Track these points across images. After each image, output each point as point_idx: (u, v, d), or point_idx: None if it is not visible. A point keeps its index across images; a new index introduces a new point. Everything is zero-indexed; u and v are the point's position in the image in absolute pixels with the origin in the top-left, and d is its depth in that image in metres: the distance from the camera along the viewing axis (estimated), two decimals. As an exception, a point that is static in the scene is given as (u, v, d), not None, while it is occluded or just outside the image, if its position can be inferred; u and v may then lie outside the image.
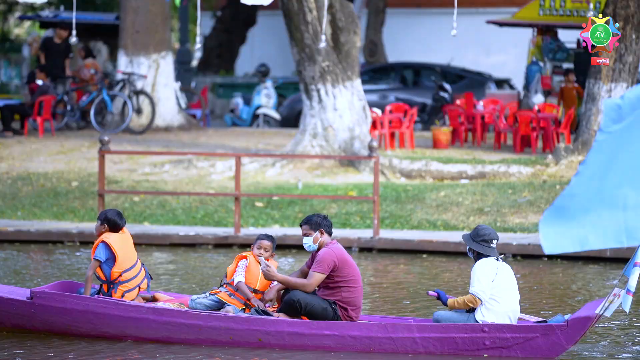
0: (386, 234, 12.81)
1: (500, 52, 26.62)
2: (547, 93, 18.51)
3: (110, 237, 7.76)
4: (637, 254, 6.99)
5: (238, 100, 21.17)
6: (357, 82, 15.58)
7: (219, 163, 15.31)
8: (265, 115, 20.51)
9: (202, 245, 12.82)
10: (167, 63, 18.36)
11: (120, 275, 7.73)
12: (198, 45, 13.26)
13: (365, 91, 16.53)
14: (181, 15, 23.71)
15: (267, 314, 7.51)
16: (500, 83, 21.68)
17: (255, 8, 27.98)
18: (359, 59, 15.91)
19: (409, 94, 20.92)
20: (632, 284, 7.02)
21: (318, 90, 15.33)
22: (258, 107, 20.57)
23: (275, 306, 7.67)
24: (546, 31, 18.95)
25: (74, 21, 12.18)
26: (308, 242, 7.49)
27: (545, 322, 7.37)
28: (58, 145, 16.46)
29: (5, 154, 15.80)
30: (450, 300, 7.43)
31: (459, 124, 17.38)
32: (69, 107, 17.94)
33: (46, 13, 22.82)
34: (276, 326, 7.36)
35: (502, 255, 7.52)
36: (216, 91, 24.65)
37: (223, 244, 12.83)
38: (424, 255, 12.32)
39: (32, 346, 7.43)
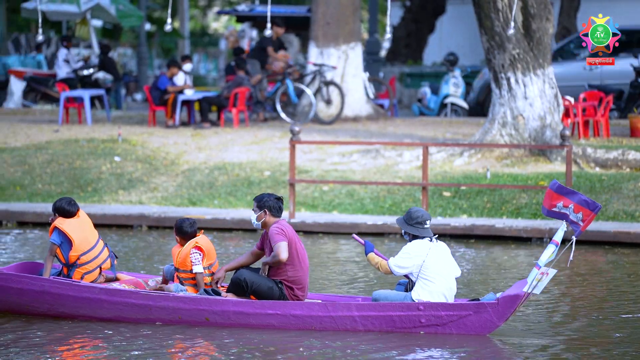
0: (579, 225, 12.42)
1: None
2: None
3: (64, 223, 8.02)
4: (557, 233, 7.30)
5: (426, 90, 21.10)
6: (549, 69, 15.18)
7: (407, 152, 15.33)
8: (453, 104, 20.34)
9: (389, 234, 12.90)
10: (356, 54, 18.56)
11: (78, 258, 8.00)
12: (387, 36, 13.30)
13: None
14: (371, 6, 23.87)
15: (217, 293, 7.75)
16: None
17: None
18: (551, 46, 15.48)
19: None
20: (542, 259, 7.30)
21: (508, 79, 15.04)
22: (446, 96, 20.42)
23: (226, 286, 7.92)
24: None
25: (268, 15, 12.52)
26: (253, 219, 7.83)
27: (479, 300, 7.61)
28: (252, 136, 16.99)
29: (203, 144, 16.47)
30: (371, 254, 7.68)
31: (659, 112, 16.57)
32: (255, 99, 18.47)
33: (242, 7, 23.59)
34: (222, 306, 7.64)
35: (436, 235, 7.75)
36: (404, 81, 24.67)
37: (410, 234, 12.83)
38: (619, 247, 11.85)
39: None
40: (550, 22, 15.22)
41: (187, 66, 18.98)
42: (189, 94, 18.07)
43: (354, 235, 7.92)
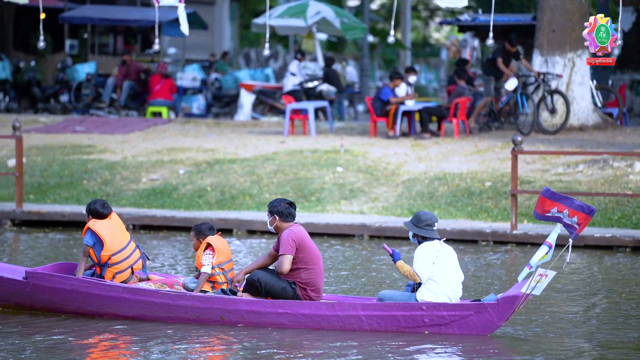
0: None
1: None
2: None
3: (96, 224, 8.45)
4: (550, 234, 7.37)
5: (659, 97, 20.04)
6: None
7: (638, 163, 14.63)
8: (689, 112, 19.17)
9: (619, 247, 12.34)
10: (583, 61, 17.94)
11: (109, 258, 8.41)
12: (618, 42, 12.74)
13: None
14: (600, 11, 22.99)
15: (233, 293, 8.22)
16: None
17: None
18: None
19: None
20: (534, 259, 7.40)
21: None
22: (682, 104, 19.29)
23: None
24: None
25: (491, 24, 12.36)
26: (268, 224, 8.28)
27: (480, 301, 7.80)
28: (472, 146, 16.80)
29: (423, 154, 16.47)
30: (399, 262, 7.93)
31: None
32: (490, 110, 18.21)
33: (465, 17, 23.41)
34: (235, 305, 8.07)
35: (444, 239, 7.99)
36: (635, 88, 23.57)
37: (641, 248, 12.23)
38: None
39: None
40: None
41: (412, 78, 19.06)
42: (410, 104, 18.14)
43: (384, 246, 8.11)
